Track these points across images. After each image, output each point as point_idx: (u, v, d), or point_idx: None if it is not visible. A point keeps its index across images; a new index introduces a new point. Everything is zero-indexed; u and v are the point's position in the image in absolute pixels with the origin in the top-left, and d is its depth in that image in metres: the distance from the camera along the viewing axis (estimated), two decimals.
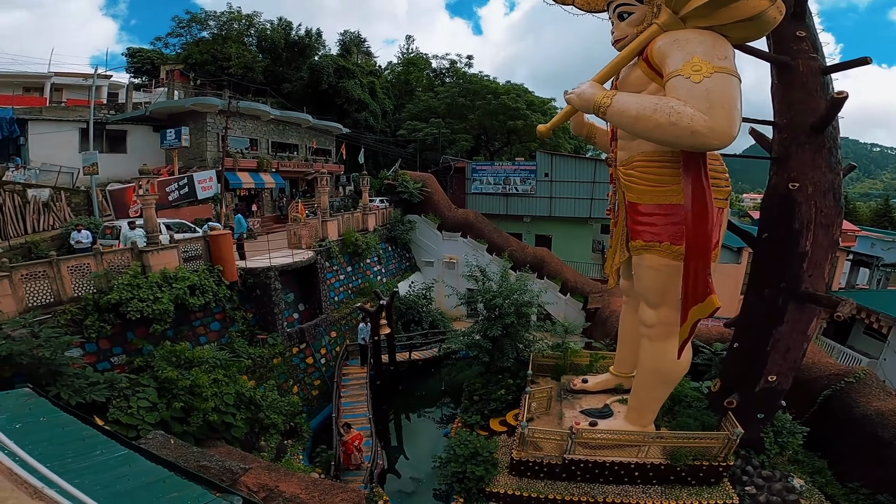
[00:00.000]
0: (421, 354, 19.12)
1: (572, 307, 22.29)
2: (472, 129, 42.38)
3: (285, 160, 29.37)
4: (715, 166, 7.43)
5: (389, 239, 25.22)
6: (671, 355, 7.98)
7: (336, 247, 19.33)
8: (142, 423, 8.70)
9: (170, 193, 20.22)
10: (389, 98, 47.14)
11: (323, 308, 16.55)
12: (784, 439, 10.04)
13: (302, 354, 15.38)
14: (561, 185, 29.22)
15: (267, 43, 40.88)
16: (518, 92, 40.74)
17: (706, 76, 5.76)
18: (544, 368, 13.16)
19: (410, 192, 26.56)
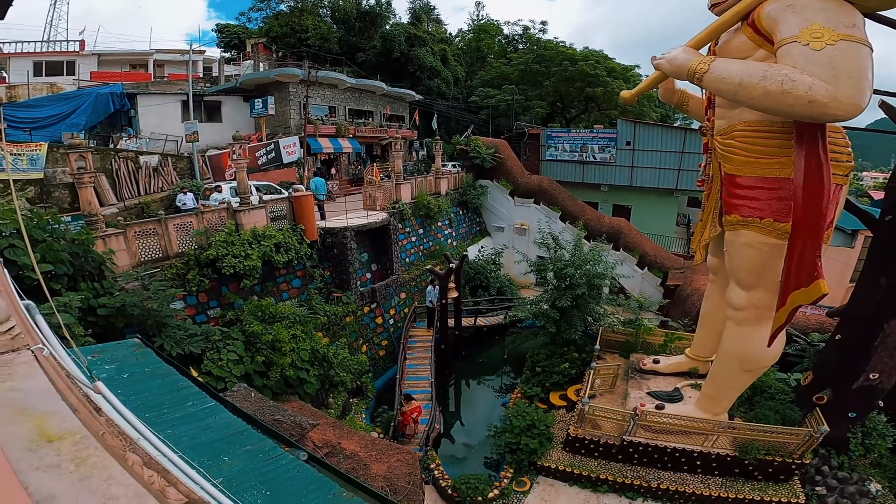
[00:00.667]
0: (486, 321, 19.09)
1: (649, 282, 21.13)
2: (548, 96, 40.95)
3: (361, 126, 30.43)
4: (836, 139, 6.62)
5: (461, 203, 25.40)
6: (760, 342, 7.40)
7: (409, 209, 19.83)
8: (229, 375, 9.31)
9: (259, 158, 21.74)
10: (461, 65, 46.81)
11: (394, 269, 17.00)
12: (872, 441, 9.17)
13: (372, 314, 15.99)
14: (644, 154, 27.37)
15: (340, 14, 41.66)
16: (597, 58, 38.61)
17: (829, 44, 5.15)
18: (613, 345, 12.72)
19: (483, 158, 26.39)
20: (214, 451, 3.65)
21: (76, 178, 9.91)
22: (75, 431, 1.59)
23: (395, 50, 38.07)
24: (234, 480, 3.35)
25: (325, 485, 3.68)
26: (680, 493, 9.01)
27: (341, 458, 7.15)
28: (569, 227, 23.11)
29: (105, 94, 21.40)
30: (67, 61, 26.53)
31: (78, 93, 21.69)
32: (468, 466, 11.68)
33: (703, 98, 8.30)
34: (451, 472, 10.47)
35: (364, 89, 31.38)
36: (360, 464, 7.19)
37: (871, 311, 8.43)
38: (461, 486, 9.68)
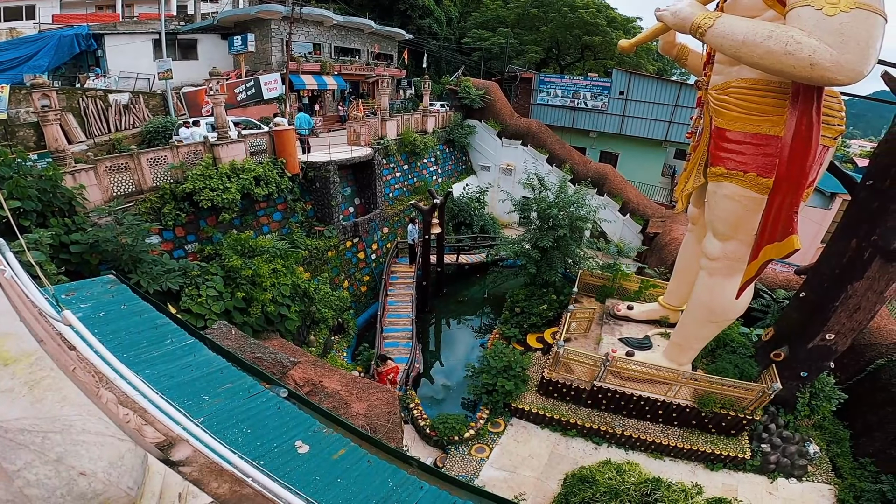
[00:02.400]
0: (468, 259, 19.22)
1: (630, 229, 21.50)
2: (543, 41, 39.56)
3: (347, 64, 29.31)
4: (831, 104, 6.63)
5: (448, 141, 25.15)
6: (729, 293, 7.71)
7: (394, 145, 19.65)
8: (209, 312, 9.06)
9: (238, 94, 21.18)
10: (455, 5, 44.45)
11: (377, 203, 16.96)
12: (818, 403, 9.71)
13: (354, 248, 15.95)
14: (637, 104, 27.14)
15: None
16: (598, 7, 37.17)
17: (843, 10, 5.03)
18: (590, 288, 12.97)
19: (472, 98, 25.79)
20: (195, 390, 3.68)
21: (40, 116, 9.27)
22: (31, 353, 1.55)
23: None
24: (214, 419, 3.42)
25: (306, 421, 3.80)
26: (641, 441, 9.58)
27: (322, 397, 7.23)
28: (555, 169, 23.13)
29: (69, 36, 20.39)
30: (27, 6, 25.19)
31: (39, 35, 20.71)
32: (446, 406, 12.05)
33: (703, 53, 8.19)
34: (429, 412, 10.84)
35: (351, 27, 29.95)
36: (340, 402, 7.27)
37: (838, 271, 8.69)
38: (439, 426, 10.03)
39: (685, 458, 9.56)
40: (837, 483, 9.29)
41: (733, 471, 9.38)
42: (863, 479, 9.15)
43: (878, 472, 9.17)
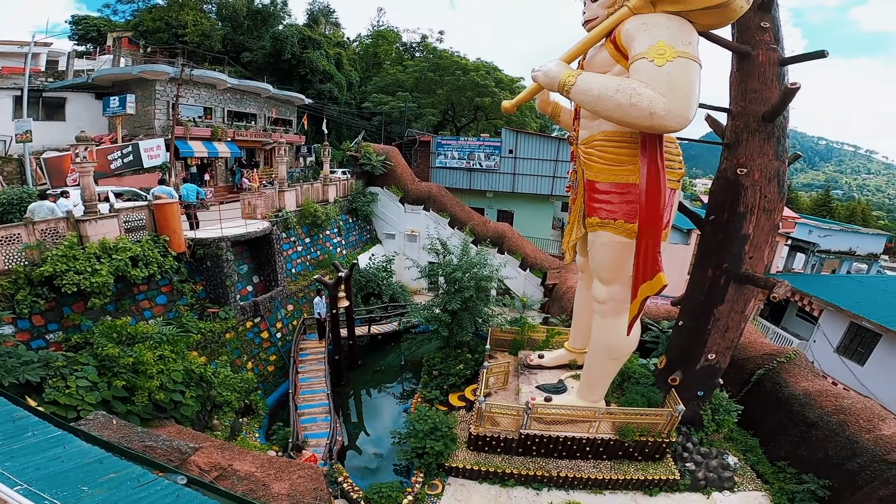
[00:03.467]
0: (380, 329, 19.05)
1: (531, 282, 22.77)
2: (440, 104, 41.99)
3: (242, 129, 28.32)
4: (670, 149, 7.59)
5: (350, 211, 24.91)
6: (621, 331, 8.23)
7: (294, 217, 18.93)
8: (81, 403, 8.19)
9: (112, 161, 19.26)
10: (356, 70, 46.03)
11: (279, 280, 16.12)
12: (720, 417, 10.64)
13: (256, 329, 15.02)
14: (524, 161, 29.47)
15: (227, 11, 38.80)
16: (487, 69, 40.65)
17: (669, 60, 5.83)
18: (502, 343, 13.37)
19: (373, 165, 26.17)
20: (69, 481, 3.17)
21: None
22: None
23: (287, 51, 36.21)
24: None
25: None
26: (577, 479, 9.70)
27: (235, 481, 6.69)
28: (457, 232, 23.99)
29: None
30: None
31: None
32: (379, 476, 11.57)
33: (571, 109, 9.03)
34: (361, 484, 10.18)
35: (247, 91, 29.32)
36: (257, 484, 6.77)
37: (703, 298, 9.91)
38: (373, 496, 9.45)
39: (623, 489, 9.79)
40: (767, 489, 10.00)
41: (670, 493, 9.76)
42: (787, 482, 9.94)
43: (797, 472, 10.04)
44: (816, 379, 11.40)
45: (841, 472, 9.39)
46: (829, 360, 16.59)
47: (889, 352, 14.67)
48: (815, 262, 25.03)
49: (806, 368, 11.72)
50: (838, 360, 16.30)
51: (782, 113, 8.80)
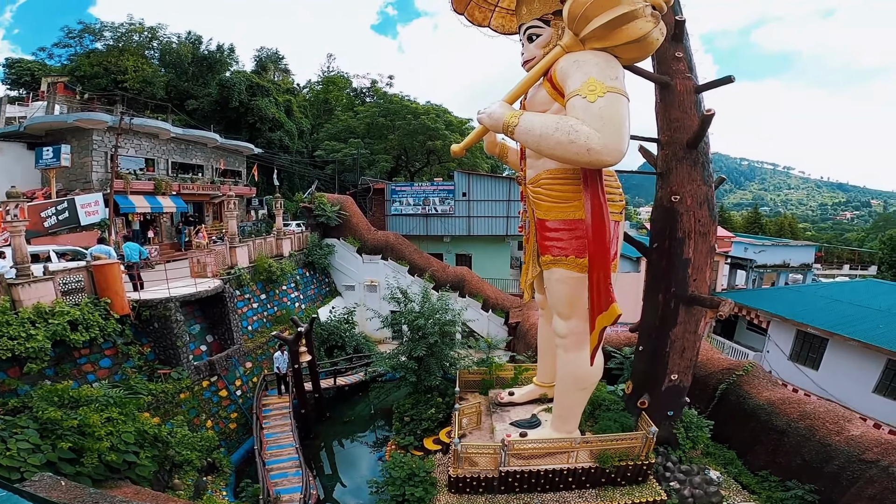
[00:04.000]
0: (346, 380, 18.76)
1: (495, 323, 22.92)
2: (392, 149, 42.08)
3: (188, 182, 27.20)
4: (610, 182, 7.93)
5: (307, 264, 24.37)
6: (585, 363, 8.29)
7: (247, 274, 18.42)
8: (24, 465, 7.83)
9: (45, 219, 18.05)
10: (307, 117, 45.87)
11: (235, 339, 15.61)
12: (694, 434, 10.84)
13: (214, 388, 14.49)
14: (478, 204, 30.06)
15: (171, 57, 38.07)
16: (437, 112, 41.30)
17: (600, 96, 6.11)
18: (472, 384, 13.25)
19: (328, 216, 25.85)
20: None
21: None
22: None
23: (234, 99, 35.76)
24: None
25: None
26: None
27: None
28: (417, 279, 23.96)
29: None
30: None
31: None
32: None
33: (518, 149, 9.28)
34: None
35: (193, 140, 28.34)
36: None
37: (658, 323, 10.29)
38: None
39: None
40: (755, 499, 10.03)
41: None
42: (774, 490, 10.04)
43: (780, 480, 10.20)
44: (776, 388, 11.91)
45: (823, 476, 9.64)
46: (784, 368, 17.50)
47: (838, 354, 15.67)
48: (755, 277, 26.76)
49: (765, 378, 12.26)
50: (794, 368, 17.23)
51: (703, 139, 9.44)
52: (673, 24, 9.47)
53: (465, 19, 9.03)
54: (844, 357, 15.44)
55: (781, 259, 27.56)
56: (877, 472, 8.79)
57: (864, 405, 14.32)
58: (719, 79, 9.34)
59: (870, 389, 14.54)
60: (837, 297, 18.55)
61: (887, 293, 18.29)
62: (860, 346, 14.69)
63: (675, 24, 9.58)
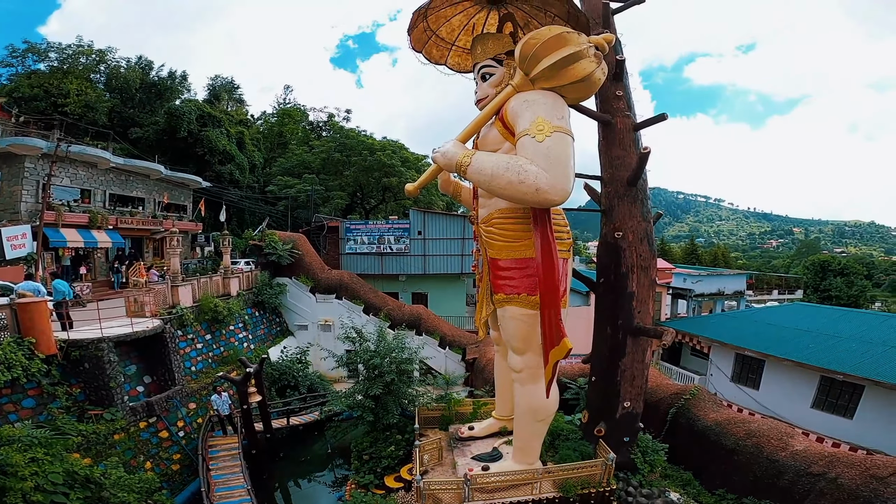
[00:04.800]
0: (300, 419, 18.21)
1: (452, 359, 22.99)
2: (348, 185, 41.07)
3: (127, 216, 25.72)
4: (558, 221, 8.14)
5: (256, 304, 23.56)
6: (541, 395, 8.37)
7: (191, 314, 17.71)
8: None
9: None
10: (260, 151, 44.44)
11: (176, 379, 14.95)
12: (651, 457, 11.10)
13: (153, 429, 13.93)
14: (434, 242, 30.10)
15: (118, 82, 36.29)
16: (394, 148, 40.84)
17: (547, 135, 6.33)
18: (431, 420, 13.09)
19: (279, 254, 25.05)
20: None
21: None
22: None
23: (183, 129, 34.01)
24: None
25: None
26: None
27: None
28: (373, 318, 23.70)
29: None
30: None
31: None
32: None
33: (471, 188, 9.35)
34: None
35: (134, 171, 27.00)
36: None
37: (608, 353, 10.64)
38: None
39: None
40: None
41: None
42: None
43: (737, 497, 10.56)
44: (722, 409, 12.61)
45: (776, 491, 10.10)
46: (728, 389, 18.60)
47: (775, 374, 16.92)
48: (694, 306, 28.48)
49: (710, 401, 12.94)
50: (736, 388, 18.36)
51: (641, 176, 10.03)
52: (614, 64, 9.96)
53: (422, 57, 9.28)
54: (781, 376, 16.69)
55: (717, 288, 29.60)
56: (825, 485, 9.34)
57: (805, 420, 15.43)
58: (654, 117, 9.96)
59: (808, 405, 15.73)
60: (769, 320, 20.13)
61: (814, 315, 20.09)
62: (794, 365, 15.95)
63: (616, 64, 10.11)
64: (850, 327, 17.66)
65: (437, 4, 8.15)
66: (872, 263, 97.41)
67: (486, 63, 7.99)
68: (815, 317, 19.75)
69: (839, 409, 15.02)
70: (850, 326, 17.73)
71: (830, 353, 15.90)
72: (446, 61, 9.42)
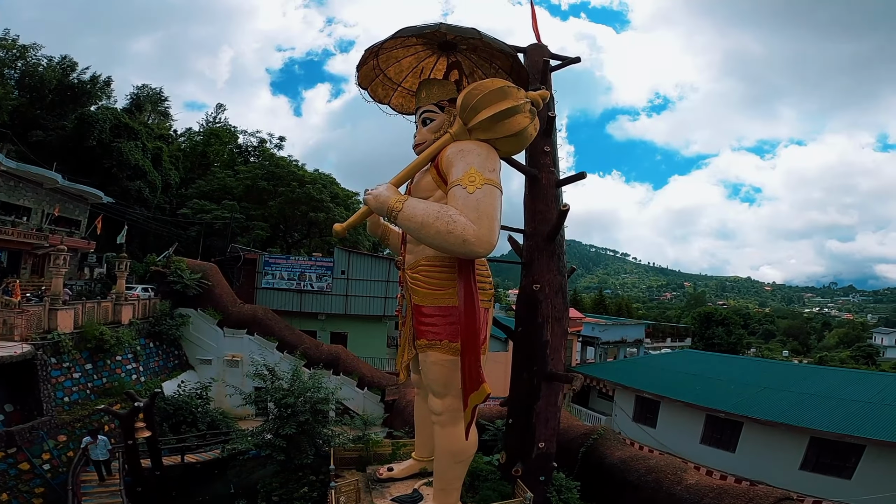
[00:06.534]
0: (198, 457, 16.68)
1: (371, 400, 22.47)
2: (271, 217, 39.22)
3: (7, 226, 22.64)
4: (481, 271, 8.24)
5: (152, 334, 21.53)
6: (460, 437, 8.40)
7: (70, 341, 16.06)
8: None
9: None
10: (177, 169, 41.35)
11: (45, 410, 13.62)
12: (566, 495, 11.48)
13: (11, 460, 12.87)
14: (357, 283, 29.63)
15: (33, 80, 33.08)
16: (324, 182, 40.04)
17: (478, 187, 6.48)
18: (348, 461, 12.60)
19: (186, 283, 23.12)
20: None
21: None
22: None
23: (93, 137, 30.98)
24: None
25: None
26: None
27: None
28: (287, 356, 22.69)
29: None
30: None
31: None
32: None
33: (399, 232, 9.17)
34: None
35: (25, 177, 24.19)
36: None
37: (524, 397, 11.09)
38: None
39: None
40: None
41: None
42: None
43: None
44: (625, 447, 13.48)
45: None
46: (630, 428, 20.19)
47: (669, 413, 18.78)
48: (601, 352, 30.63)
49: (615, 440, 13.81)
50: (637, 427, 19.98)
51: (560, 231, 10.78)
52: (545, 120, 10.51)
53: (367, 94, 9.40)
54: (674, 415, 18.62)
55: (621, 336, 32.22)
56: None
57: (696, 455, 17.16)
58: (575, 174, 10.82)
59: (698, 440, 17.55)
60: (663, 366, 22.48)
61: (700, 361, 22.89)
62: (684, 406, 17.85)
63: (547, 120, 10.72)
64: (729, 371, 20.37)
65: (390, 45, 8.32)
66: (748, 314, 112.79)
67: (428, 108, 8.11)
68: (700, 362, 22.47)
69: (723, 443, 17.04)
70: (730, 370, 20.54)
71: (714, 394, 18.27)
72: (390, 101, 9.58)
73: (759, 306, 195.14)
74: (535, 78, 11.05)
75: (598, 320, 35.42)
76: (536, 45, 12.19)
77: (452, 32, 8.20)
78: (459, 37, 8.01)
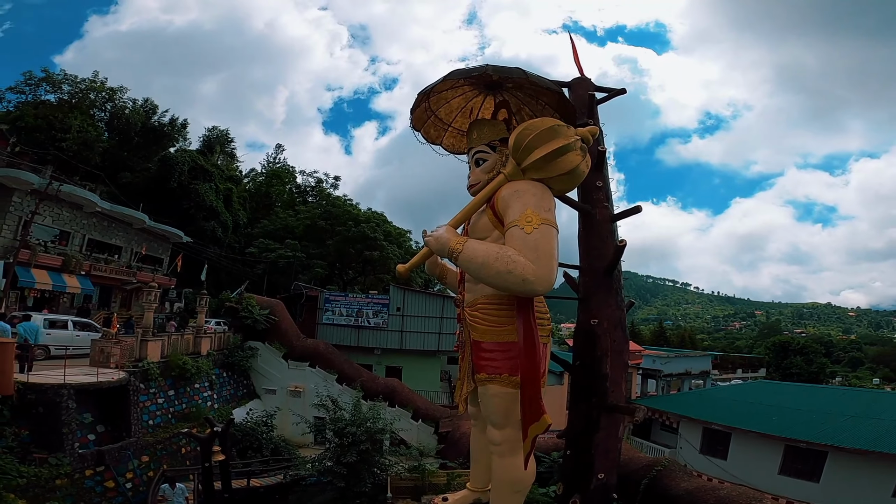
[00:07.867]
0: (262, 481, 17.31)
1: (425, 432, 22.82)
2: (329, 255, 39.68)
3: (102, 263, 25.08)
4: (539, 308, 8.59)
5: (226, 364, 23.02)
6: (518, 468, 8.44)
7: (156, 369, 17.35)
8: None
9: None
10: (245, 210, 43.46)
11: (132, 431, 14.61)
12: None
13: (99, 477, 13.51)
14: (412, 319, 30.31)
15: (120, 122, 36.12)
16: (377, 221, 40.49)
17: (535, 227, 6.82)
18: (403, 490, 13.03)
19: (255, 318, 24.70)
20: None
21: None
22: None
23: (174, 179, 33.29)
24: None
25: None
26: None
27: None
28: (346, 388, 23.41)
29: None
30: None
31: None
32: None
33: (457, 272, 10.01)
34: None
35: (118, 218, 26.41)
36: None
37: (583, 429, 10.88)
38: None
39: None
40: None
41: None
42: None
43: None
44: (692, 478, 12.83)
45: None
46: (697, 461, 19.22)
47: (742, 445, 18.04)
48: (663, 385, 29.10)
49: (681, 471, 13.16)
50: (705, 460, 19.05)
51: (617, 266, 10.57)
52: (596, 154, 10.37)
53: (421, 136, 10.10)
54: (748, 446, 17.79)
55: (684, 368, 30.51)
56: None
57: (774, 486, 16.22)
58: (630, 208, 10.52)
59: (776, 471, 16.69)
60: (735, 397, 21.28)
61: (777, 391, 21.41)
62: (760, 437, 17.07)
63: (598, 155, 10.58)
64: (810, 401, 19.00)
65: (440, 87, 8.95)
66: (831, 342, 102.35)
67: (480, 148, 8.74)
68: (777, 393, 21.07)
69: (806, 474, 16.17)
70: (811, 400, 19.18)
71: (793, 424, 17.35)
72: (441, 142, 10.26)
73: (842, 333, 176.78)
74: (582, 112, 11.13)
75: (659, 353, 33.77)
76: (580, 79, 12.36)
77: (498, 73, 8.76)
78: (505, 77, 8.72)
